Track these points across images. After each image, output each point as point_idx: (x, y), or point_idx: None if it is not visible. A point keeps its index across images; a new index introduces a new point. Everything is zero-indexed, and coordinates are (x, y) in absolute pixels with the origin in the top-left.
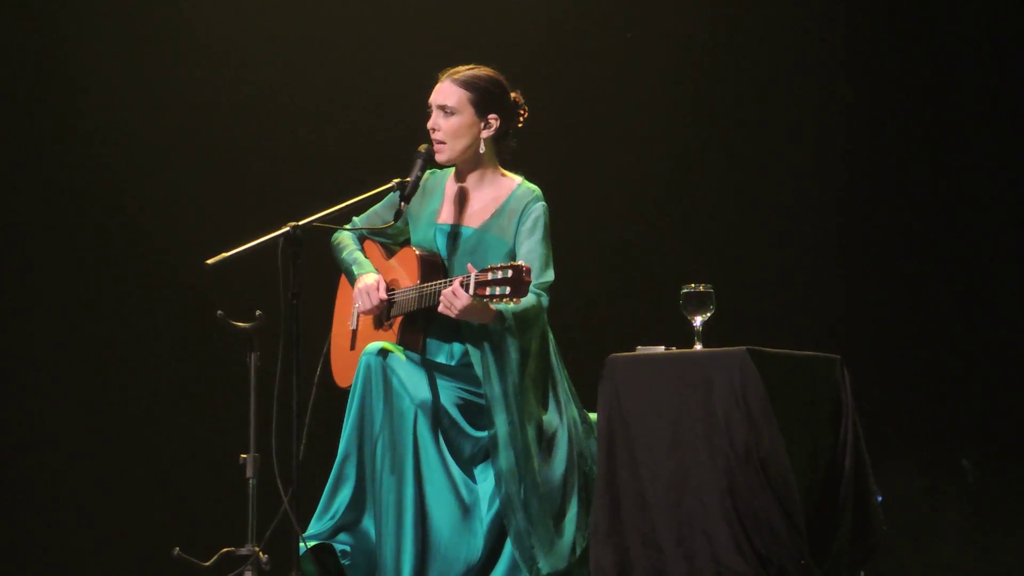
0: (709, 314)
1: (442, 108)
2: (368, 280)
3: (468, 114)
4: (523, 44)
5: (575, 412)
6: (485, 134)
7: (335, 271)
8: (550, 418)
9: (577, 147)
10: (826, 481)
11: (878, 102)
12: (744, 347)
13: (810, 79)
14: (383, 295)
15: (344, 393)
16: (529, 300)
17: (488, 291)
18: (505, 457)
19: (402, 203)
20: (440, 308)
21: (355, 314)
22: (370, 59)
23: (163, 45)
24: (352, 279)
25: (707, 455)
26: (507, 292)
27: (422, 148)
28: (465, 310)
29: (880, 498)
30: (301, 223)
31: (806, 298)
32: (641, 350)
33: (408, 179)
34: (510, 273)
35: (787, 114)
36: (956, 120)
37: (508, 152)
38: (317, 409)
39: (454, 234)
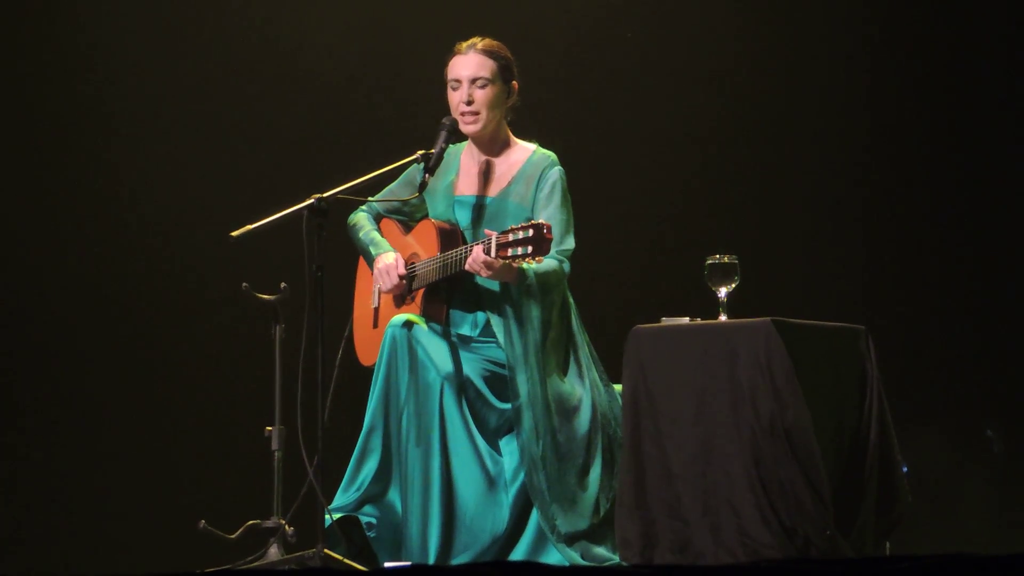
0: (734, 285)
1: (475, 80)
2: (387, 259)
3: (499, 84)
4: (550, 13)
5: (596, 376)
6: (509, 102)
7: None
8: (571, 381)
9: (602, 117)
10: (851, 452)
11: (906, 73)
12: (769, 318)
13: (837, 50)
14: (402, 272)
15: (368, 369)
16: (552, 264)
17: (510, 252)
18: (527, 418)
19: (427, 175)
20: (467, 266)
21: (376, 292)
22: (393, 33)
23: (188, 19)
24: (370, 260)
25: (732, 426)
26: (529, 251)
27: (446, 120)
28: (492, 272)
29: (905, 469)
30: (326, 195)
31: (831, 269)
32: (666, 321)
33: (432, 151)
34: (531, 232)
35: (813, 85)
36: (982, 91)
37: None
38: (341, 384)
39: (473, 204)
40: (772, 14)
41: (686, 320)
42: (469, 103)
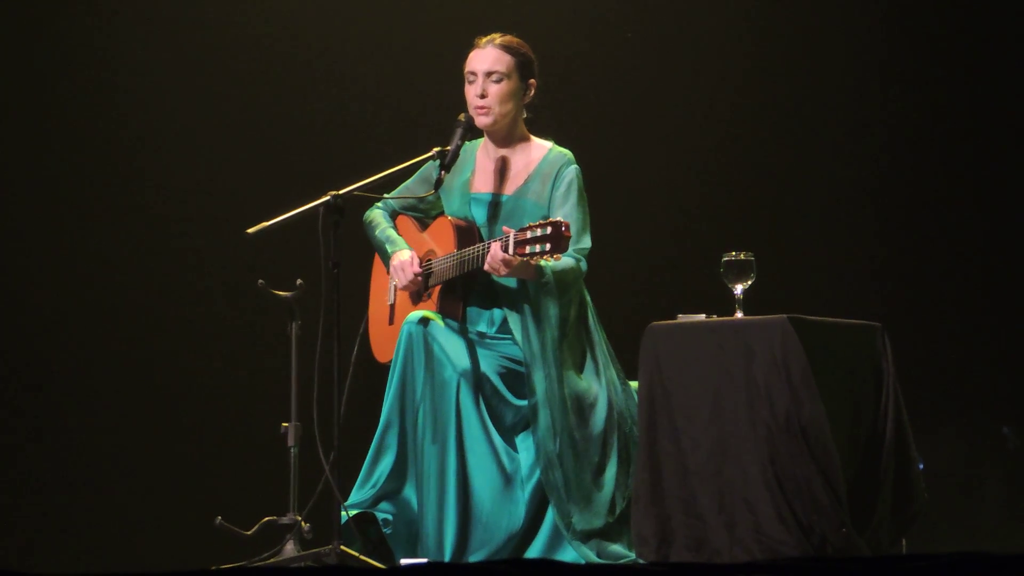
0: (750, 282)
1: (490, 74)
2: (403, 256)
3: (515, 79)
4: (566, 9)
5: (613, 375)
6: (526, 99)
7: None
8: (588, 379)
9: (618, 114)
10: (867, 449)
11: (920, 69)
12: (785, 315)
13: (852, 46)
14: (417, 269)
15: (384, 365)
16: (569, 262)
17: (528, 249)
18: (543, 415)
19: (442, 172)
20: (486, 267)
21: (392, 288)
22: (409, 30)
23: (205, 17)
24: (386, 257)
25: (748, 423)
26: (547, 249)
27: (462, 117)
28: (509, 270)
29: (921, 466)
30: (342, 192)
31: (847, 266)
32: (682, 318)
33: (448, 148)
34: (549, 230)
35: (829, 82)
36: (1002, 87)
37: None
38: (357, 380)
39: (489, 202)
40: (788, 10)
41: (702, 317)
42: (482, 96)
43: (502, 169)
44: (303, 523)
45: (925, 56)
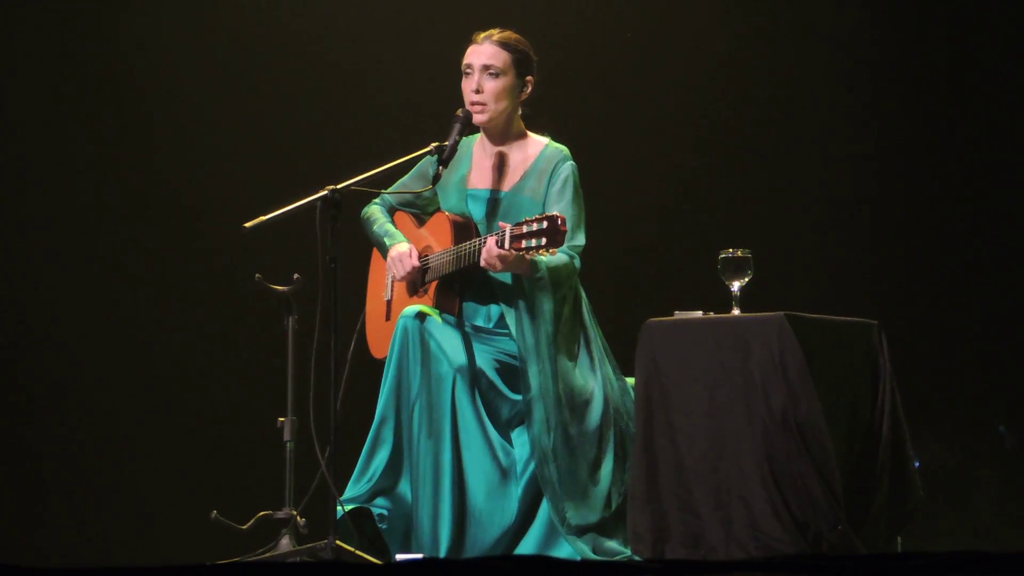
0: (747, 279)
1: (486, 69)
2: (401, 248)
3: (511, 75)
4: (566, 7)
5: (609, 371)
6: (522, 96)
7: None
8: (583, 374)
9: (614, 109)
10: (863, 447)
11: (916, 68)
12: (782, 312)
13: (848, 43)
14: (415, 262)
15: (381, 360)
16: (562, 259)
17: (524, 243)
18: (538, 411)
19: (440, 167)
20: (482, 262)
21: (389, 284)
22: (408, 25)
23: (203, 12)
24: (384, 250)
25: (745, 420)
26: (543, 243)
27: (460, 112)
28: (505, 265)
29: (917, 464)
30: (339, 186)
31: (844, 263)
32: (679, 315)
33: (446, 143)
34: (545, 224)
35: (826, 80)
36: (993, 83)
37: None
38: (354, 375)
39: (485, 198)
40: (786, 9)
41: (699, 314)
42: (478, 92)
43: (499, 165)
44: (299, 518)
45: (921, 55)
